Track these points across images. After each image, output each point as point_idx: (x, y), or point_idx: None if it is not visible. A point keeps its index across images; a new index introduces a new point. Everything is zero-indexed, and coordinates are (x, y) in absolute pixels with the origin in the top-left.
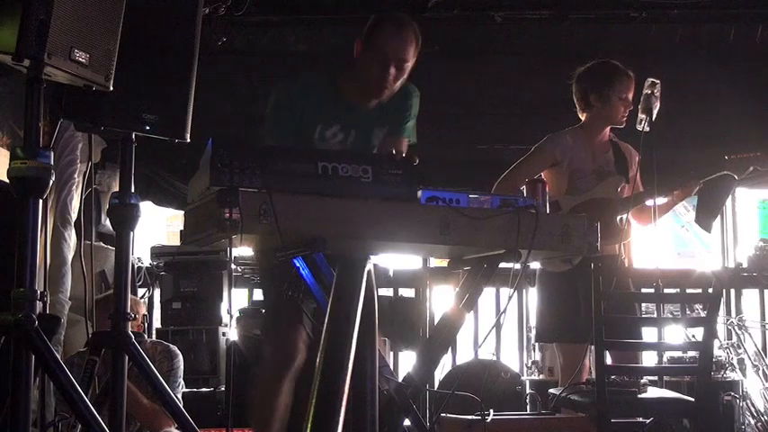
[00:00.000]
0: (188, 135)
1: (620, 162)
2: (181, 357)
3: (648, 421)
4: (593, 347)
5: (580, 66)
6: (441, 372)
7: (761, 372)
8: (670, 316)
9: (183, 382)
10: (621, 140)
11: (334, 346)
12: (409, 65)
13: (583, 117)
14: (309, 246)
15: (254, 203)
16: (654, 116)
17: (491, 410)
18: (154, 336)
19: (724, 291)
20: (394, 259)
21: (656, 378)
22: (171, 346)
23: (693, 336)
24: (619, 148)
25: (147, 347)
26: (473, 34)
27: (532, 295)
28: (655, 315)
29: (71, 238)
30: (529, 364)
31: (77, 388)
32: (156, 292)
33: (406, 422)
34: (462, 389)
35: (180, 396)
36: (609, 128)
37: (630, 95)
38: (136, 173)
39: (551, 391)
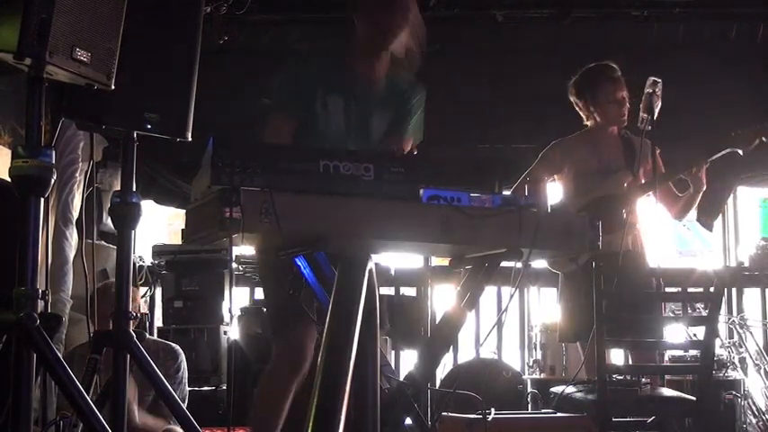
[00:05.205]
0: (189, 134)
1: (630, 157)
2: (184, 357)
3: (650, 420)
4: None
5: (581, 64)
6: (442, 371)
7: (762, 371)
8: (671, 315)
9: (186, 383)
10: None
11: (335, 344)
12: (399, 30)
13: (587, 123)
14: (311, 244)
15: (256, 202)
16: (656, 115)
17: (492, 409)
18: (155, 334)
19: (725, 290)
20: (395, 258)
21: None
22: (173, 345)
23: (695, 335)
24: (630, 143)
25: (149, 345)
26: (474, 33)
27: (534, 294)
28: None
29: (72, 236)
30: (530, 363)
31: (79, 386)
32: (158, 291)
33: (408, 421)
34: (463, 388)
35: (186, 394)
36: (615, 127)
37: (620, 95)
38: (137, 171)
39: (553, 389)
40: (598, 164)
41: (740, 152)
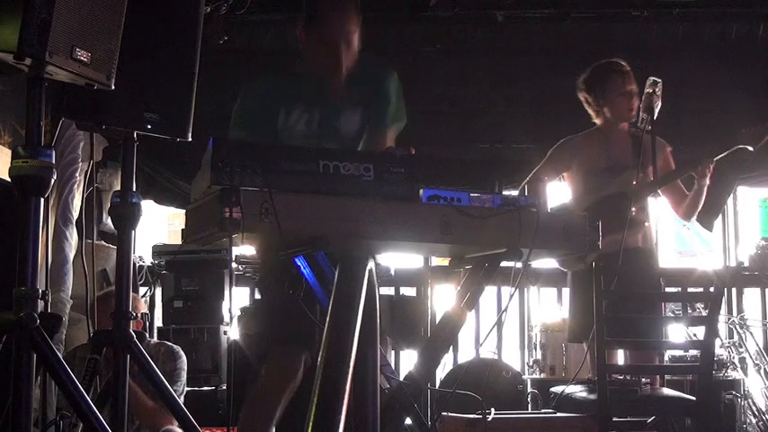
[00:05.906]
0: (189, 134)
1: (638, 155)
2: (184, 358)
3: (650, 420)
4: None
5: (581, 65)
6: (442, 370)
7: (762, 371)
8: (671, 315)
9: (185, 383)
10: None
11: (335, 344)
12: (355, 34)
13: (596, 120)
14: (311, 244)
15: (256, 202)
16: (655, 115)
17: (492, 409)
18: (155, 334)
19: (725, 289)
20: (395, 258)
21: None
22: (174, 346)
23: (695, 334)
24: (638, 140)
25: (150, 348)
26: (474, 33)
27: (534, 294)
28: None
29: (73, 236)
30: (530, 363)
31: (79, 387)
32: (158, 291)
33: (408, 421)
34: (463, 387)
35: (182, 397)
36: (624, 124)
37: (629, 88)
38: (137, 171)
39: (553, 389)
40: (607, 161)
41: (750, 148)
